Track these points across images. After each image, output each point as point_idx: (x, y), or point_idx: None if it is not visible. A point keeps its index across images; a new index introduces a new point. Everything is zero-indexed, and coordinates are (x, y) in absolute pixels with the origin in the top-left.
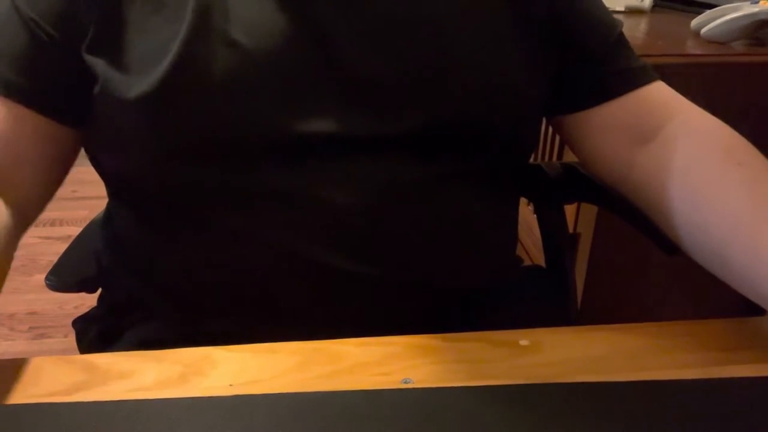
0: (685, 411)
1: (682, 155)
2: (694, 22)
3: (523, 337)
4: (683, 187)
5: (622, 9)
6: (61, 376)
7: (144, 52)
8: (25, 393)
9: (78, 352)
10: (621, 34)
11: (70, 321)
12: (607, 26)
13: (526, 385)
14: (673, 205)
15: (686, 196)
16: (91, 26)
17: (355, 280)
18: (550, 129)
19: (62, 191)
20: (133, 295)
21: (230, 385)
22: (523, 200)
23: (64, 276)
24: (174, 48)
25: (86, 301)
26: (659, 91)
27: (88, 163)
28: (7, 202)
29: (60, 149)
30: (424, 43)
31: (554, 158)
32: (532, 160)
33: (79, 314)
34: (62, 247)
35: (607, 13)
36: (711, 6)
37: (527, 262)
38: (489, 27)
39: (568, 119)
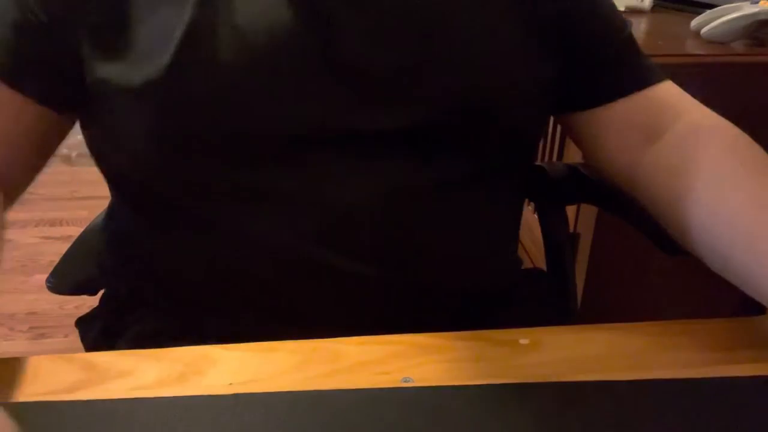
0: (685, 411)
1: (688, 155)
2: (694, 22)
3: (523, 337)
4: (687, 187)
5: (622, 9)
6: (60, 375)
7: (148, 39)
8: (25, 391)
9: (80, 350)
10: (630, 33)
11: (70, 321)
12: (617, 25)
13: (526, 384)
14: (677, 204)
15: (690, 195)
16: (93, 14)
17: (356, 280)
18: (551, 129)
19: (62, 191)
20: (135, 293)
21: (230, 384)
22: None
23: (65, 278)
24: (178, 34)
25: (86, 301)
26: (668, 90)
27: (88, 163)
28: None
29: (44, 133)
30: (428, 38)
31: (555, 158)
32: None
33: (80, 314)
34: (62, 247)
35: (617, 12)
36: (711, 6)
37: (527, 262)
38: (494, 23)
39: (577, 117)
